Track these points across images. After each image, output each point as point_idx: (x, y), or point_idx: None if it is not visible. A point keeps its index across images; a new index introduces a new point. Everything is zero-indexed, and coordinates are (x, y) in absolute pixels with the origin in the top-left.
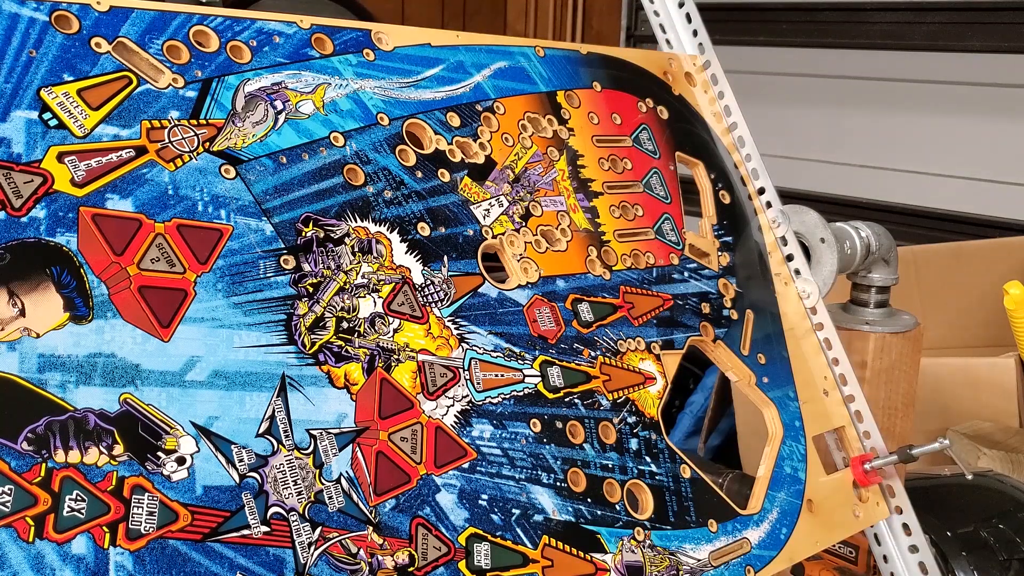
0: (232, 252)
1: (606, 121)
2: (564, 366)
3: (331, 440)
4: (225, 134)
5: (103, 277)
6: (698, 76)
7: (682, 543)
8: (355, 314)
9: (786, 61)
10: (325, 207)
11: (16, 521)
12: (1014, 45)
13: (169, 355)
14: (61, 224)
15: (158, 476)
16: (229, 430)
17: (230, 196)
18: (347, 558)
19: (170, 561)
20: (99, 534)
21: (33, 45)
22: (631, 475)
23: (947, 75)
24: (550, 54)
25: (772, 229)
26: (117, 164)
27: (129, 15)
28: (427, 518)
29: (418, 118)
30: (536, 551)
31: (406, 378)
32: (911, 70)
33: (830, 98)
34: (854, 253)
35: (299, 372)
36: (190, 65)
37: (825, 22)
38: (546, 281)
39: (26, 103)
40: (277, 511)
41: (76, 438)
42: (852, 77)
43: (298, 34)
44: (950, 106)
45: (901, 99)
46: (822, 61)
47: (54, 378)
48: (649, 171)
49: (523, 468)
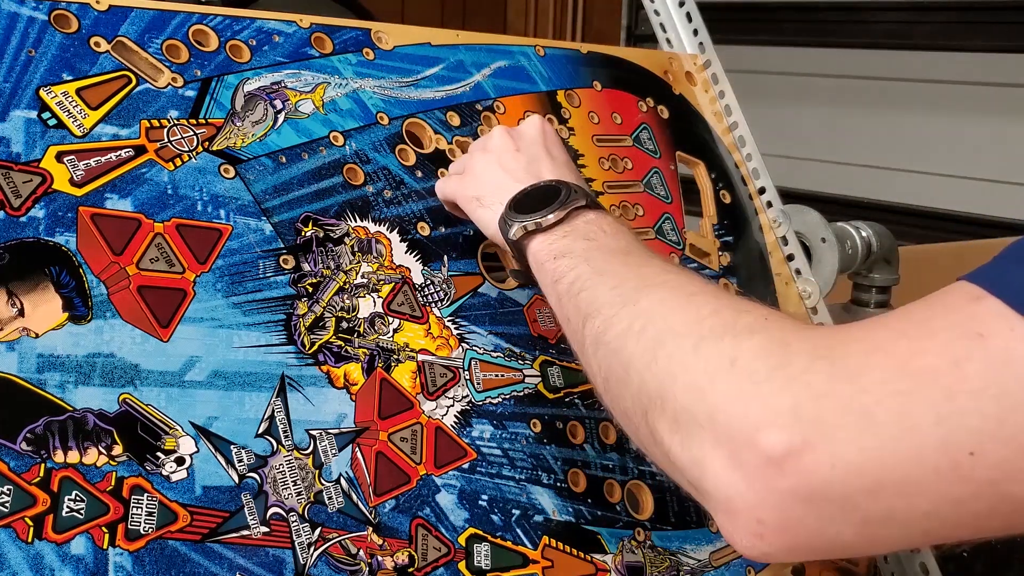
0: (231, 252)
1: (606, 120)
2: (564, 366)
3: (331, 440)
4: (224, 133)
5: (102, 277)
6: (699, 75)
7: (682, 543)
8: (355, 314)
9: (787, 61)
10: (325, 207)
11: (15, 521)
12: (1016, 44)
13: (168, 355)
14: (60, 224)
15: (157, 476)
16: (228, 430)
17: (229, 196)
18: (347, 559)
19: (169, 561)
20: (98, 534)
21: (32, 44)
22: (631, 475)
23: (949, 75)
24: (550, 53)
25: (773, 229)
26: (116, 164)
27: (128, 14)
28: (427, 518)
29: (418, 117)
30: (536, 551)
31: (406, 378)
32: (912, 69)
33: (831, 98)
34: (855, 253)
35: (299, 372)
36: (189, 64)
37: (826, 21)
38: None
39: (25, 102)
40: (277, 511)
41: (75, 438)
42: (853, 77)
43: (298, 33)
44: (952, 105)
45: (902, 98)
46: (823, 61)
47: (53, 378)
48: (650, 171)
49: (523, 468)
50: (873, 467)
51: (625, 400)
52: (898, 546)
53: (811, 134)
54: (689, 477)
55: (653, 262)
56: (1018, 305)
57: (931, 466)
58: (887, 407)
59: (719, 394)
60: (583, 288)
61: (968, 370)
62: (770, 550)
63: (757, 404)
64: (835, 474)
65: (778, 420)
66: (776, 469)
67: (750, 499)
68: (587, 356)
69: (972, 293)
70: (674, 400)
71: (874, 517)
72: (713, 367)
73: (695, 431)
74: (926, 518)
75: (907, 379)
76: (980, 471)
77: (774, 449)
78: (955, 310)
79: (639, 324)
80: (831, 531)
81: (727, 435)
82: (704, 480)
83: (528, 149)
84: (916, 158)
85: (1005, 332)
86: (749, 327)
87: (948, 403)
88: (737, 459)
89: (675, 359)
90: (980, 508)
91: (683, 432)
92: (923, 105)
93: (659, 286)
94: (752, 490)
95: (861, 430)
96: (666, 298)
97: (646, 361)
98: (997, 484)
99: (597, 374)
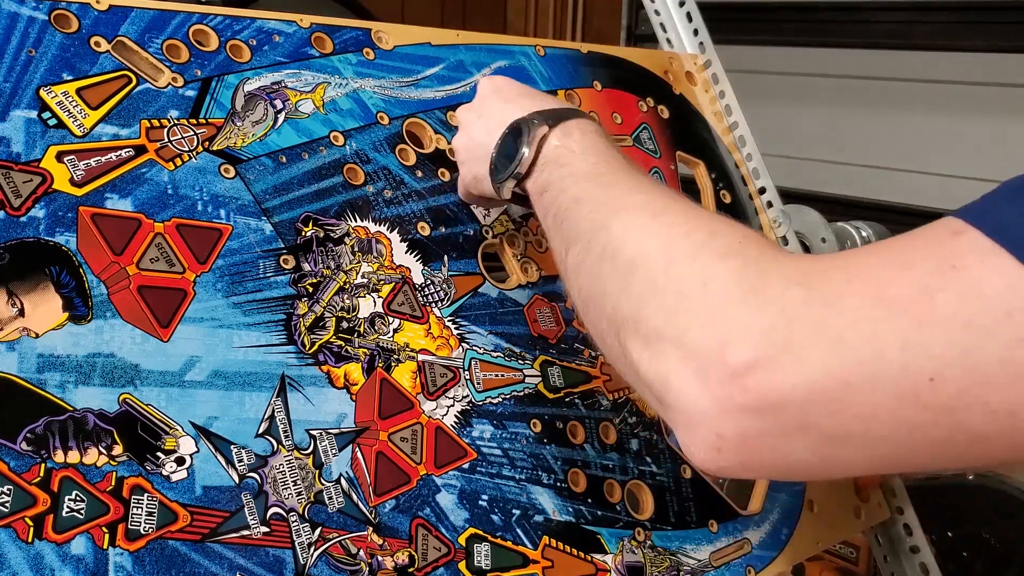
0: (232, 252)
1: (607, 120)
2: (564, 366)
3: (331, 440)
4: (225, 133)
5: (102, 277)
6: (699, 75)
7: (683, 543)
8: (355, 314)
9: (787, 61)
10: (325, 206)
11: (15, 521)
12: (1015, 44)
13: (168, 355)
14: (60, 224)
15: (157, 476)
16: (229, 430)
17: (230, 195)
18: (347, 559)
19: (169, 562)
20: (98, 534)
21: (32, 44)
22: (632, 475)
23: (949, 75)
24: (550, 53)
25: (773, 229)
26: (116, 163)
27: (128, 14)
28: (427, 518)
29: (418, 117)
30: (536, 551)
31: (406, 378)
32: (913, 69)
33: (831, 98)
34: None
35: (299, 372)
36: (190, 64)
37: (826, 21)
38: (546, 281)
39: (25, 102)
40: (277, 511)
41: (75, 438)
42: (853, 76)
43: (298, 33)
44: (952, 106)
45: (903, 98)
46: (823, 61)
47: (53, 378)
48: (650, 171)
49: (523, 468)
50: (835, 386)
51: (601, 322)
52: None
53: (811, 134)
54: (655, 392)
55: (621, 180)
56: (996, 236)
57: (891, 389)
58: (856, 330)
59: (690, 314)
60: (564, 219)
61: (938, 299)
62: (727, 464)
63: (727, 324)
64: (796, 391)
65: (747, 338)
66: (739, 384)
67: (711, 412)
68: (570, 283)
69: (953, 227)
70: (646, 322)
71: (833, 437)
72: (686, 289)
73: (664, 348)
74: (883, 442)
75: (880, 306)
76: (939, 398)
77: (739, 364)
78: (934, 243)
79: (612, 248)
80: (788, 448)
81: (695, 351)
82: (668, 394)
83: (488, 111)
84: (916, 158)
85: (977, 264)
86: (723, 250)
87: (915, 330)
88: (702, 374)
89: (647, 282)
90: (936, 436)
91: (652, 349)
92: (923, 105)
93: (628, 208)
94: (714, 403)
95: (828, 350)
96: (636, 220)
97: (620, 285)
98: (955, 412)
99: (577, 298)
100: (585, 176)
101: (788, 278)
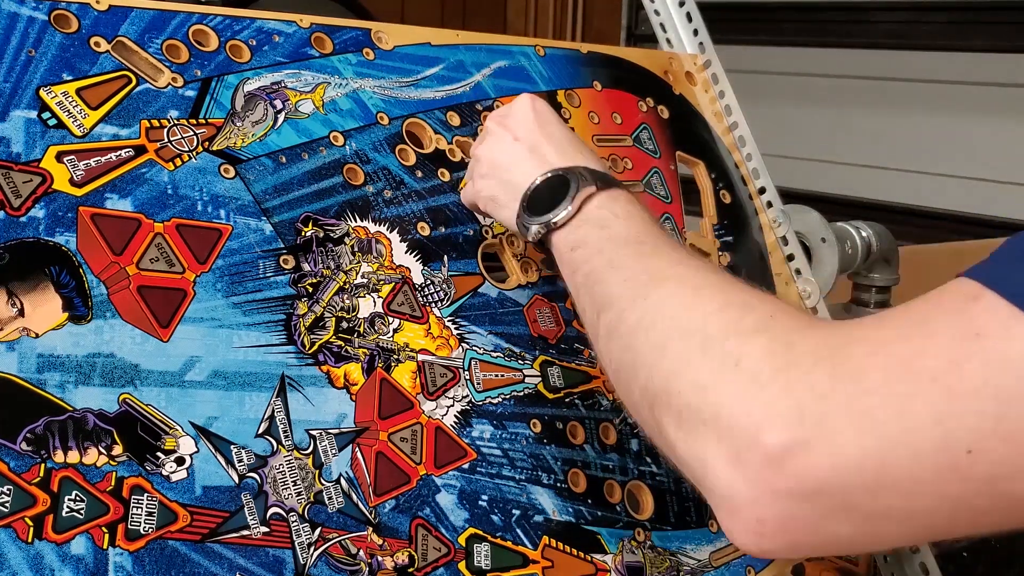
0: (231, 252)
1: (607, 120)
2: (564, 366)
3: (331, 440)
4: (224, 133)
5: (102, 277)
6: (699, 75)
7: (683, 544)
8: (355, 314)
9: (787, 61)
10: (325, 207)
11: (15, 522)
12: (1016, 44)
13: (168, 355)
14: (60, 224)
15: (157, 476)
16: (228, 430)
17: (229, 196)
18: (347, 559)
19: (169, 562)
20: (98, 535)
21: (32, 44)
22: (631, 476)
23: (949, 75)
24: (550, 53)
25: (773, 229)
26: (116, 164)
27: (128, 14)
28: (427, 519)
29: (418, 117)
30: (536, 552)
31: (406, 378)
32: (913, 70)
33: (831, 98)
34: (855, 253)
35: (299, 372)
36: (189, 64)
37: (826, 21)
38: (546, 281)
39: (25, 102)
40: (277, 512)
41: (75, 438)
42: (853, 77)
43: (298, 33)
44: (952, 106)
45: (903, 99)
46: (823, 61)
47: (53, 378)
48: (650, 171)
49: (523, 469)
50: (872, 465)
51: (634, 393)
52: (898, 542)
53: (811, 134)
54: (692, 473)
55: (663, 251)
56: (1017, 302)
57: (930, 465)
58: (887, 407)
59: (723, 394)
60: (597, 281)
61: (966, 370)
62: (771, 547)
63: (760, 405)
64: (835, 473)
65: (780, 420)
66: (777, 468)
67: (751, 498)
68: (600, 347)
69: (970, 291)
70: (679, 397)
71: (874, 515)
72: (718, 367)
73: (699, 428)
74: (925, 515)
75: (907, 380)
76: (979, 469)
77: (775, 448)
78: (953, 310)
79: (648, 320)
80: (831, 529)
81: (730, 434)
82: (706, 477)
83: (526, 136)
84: (917, 158)
85: (1002, 331)
86: (755, 326)
87: (947, 403)
88: (739, 458)
89: (681, 357)
90: (979, 505)
91: (687, 428)
92: (923, 105)
93: (668, 280)
94: (753, 489)
95: (862, 430)
96: (674, 293)
97: (654, 357)
98: (995, 482)
99: (609, 365)
100: (625, 242)
101: (814, 353)
